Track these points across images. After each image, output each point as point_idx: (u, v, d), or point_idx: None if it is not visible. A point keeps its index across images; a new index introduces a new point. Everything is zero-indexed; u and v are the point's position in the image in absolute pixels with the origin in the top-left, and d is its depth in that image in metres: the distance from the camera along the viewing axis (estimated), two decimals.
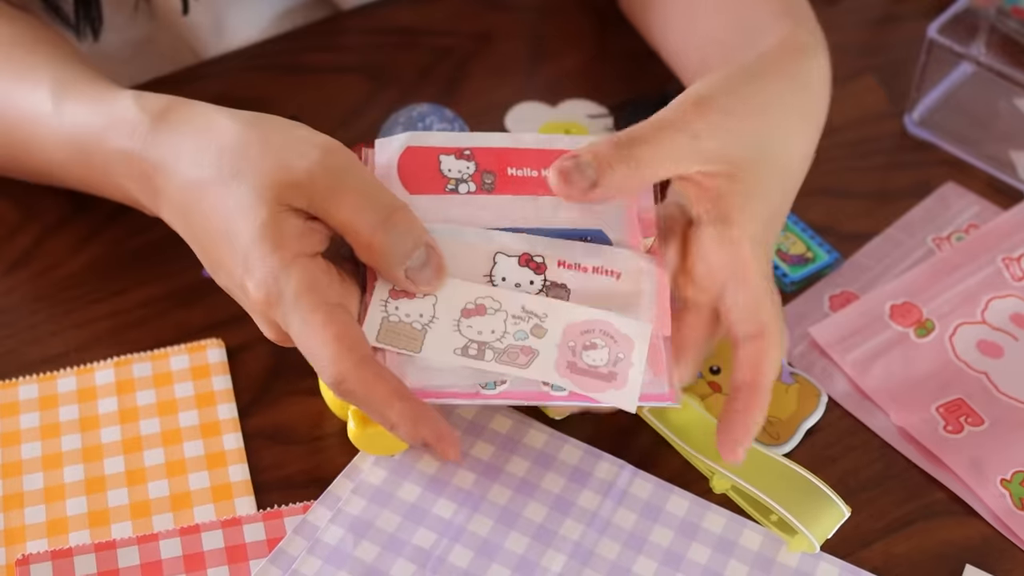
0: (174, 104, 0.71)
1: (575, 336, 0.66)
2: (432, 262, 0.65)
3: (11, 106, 0.77)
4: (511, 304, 0.66)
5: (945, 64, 0.91)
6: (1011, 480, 0.73)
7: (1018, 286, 0.82)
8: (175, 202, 0.69)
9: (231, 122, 0.67)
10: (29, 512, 0.70)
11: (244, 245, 0.63)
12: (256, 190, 0.64)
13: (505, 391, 0.65)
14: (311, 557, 0.67)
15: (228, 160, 0.65)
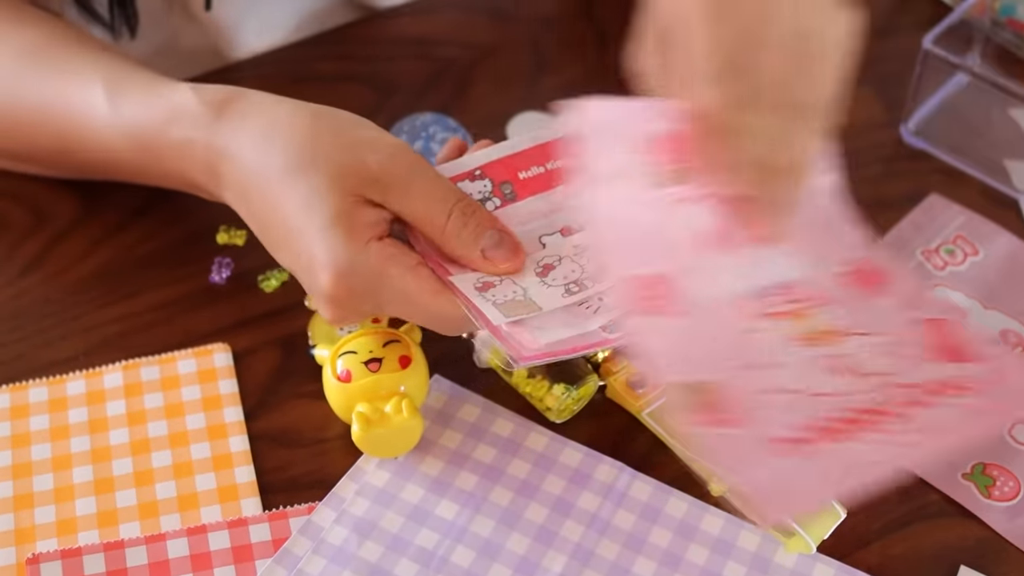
0: (234, 94, 0.73)
1: None
2: (506, 242, 0.68)
3: (64, 106, 0.79)
4: (563, 249, 0.69)
5: (940, 74, 0.92)
6: (971, 472, 0.74)
7: (942, 275, 0.84)
8: (239, 188, 0.71)
9: (297, 113, 0.70)
10: (39, 512, 0.71)
11: (316, 231, 0.66)
12: (330, 179, 0.66)
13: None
14: (316, 557, 0.68)
15: (297, 152, 0.68)
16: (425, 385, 0.73)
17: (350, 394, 0.71)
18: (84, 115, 0.78)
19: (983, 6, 0.95)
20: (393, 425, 0.70)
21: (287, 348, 0.79)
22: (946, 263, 0.85)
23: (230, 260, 0.82)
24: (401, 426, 0.70)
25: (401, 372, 0.71)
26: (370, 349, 0.72)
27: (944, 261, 0.85)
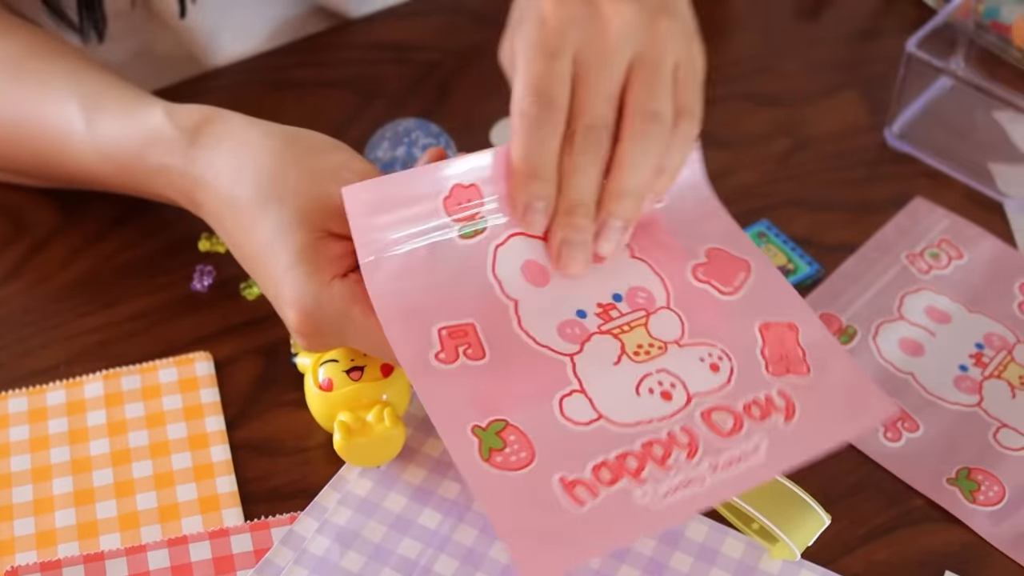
0: (208, 118, 0.73)
1: None
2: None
3: (40, 122, 0.78)
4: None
5: (924, 78, 0.92)
6: (956, 477, 0.74)
7: (926, 279, 0.84)
8: (215, 216, 0.71)
9: (268, 140, 0.69)
10: (18, 524, 0.70)
11: (282, 268, 0.66)
12: (295, 215, 0.66)
13: None
14: (298, 568, 0.68)
15: (267, 181, 0.68)
16: (407, 393, 0.73)
17: (332, 403, 0.71)
18: (61, 133, 0.78)
19: (967, 9, 0.95)
20: (375, 434, 0.70)
21: (269, 357, 0.78)
22: (931, 267, 0.84)
23: (212, 268, 0.82)
24: (383, 435, 0.70)
25: (383, 381, 0.71)
26: (352, 358, 0.71)
27: (929, 265, 0.85)
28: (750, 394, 0.67)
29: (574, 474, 0.63)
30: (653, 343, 0.68)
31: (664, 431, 0.65)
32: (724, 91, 0.96)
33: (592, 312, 0.68)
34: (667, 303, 0.70)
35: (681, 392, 0.66)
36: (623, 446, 0.64)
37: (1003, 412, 0.77)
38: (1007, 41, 0.97)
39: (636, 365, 0.67)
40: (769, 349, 0.68)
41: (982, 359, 0.80)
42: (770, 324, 0.69)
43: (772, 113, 0.95)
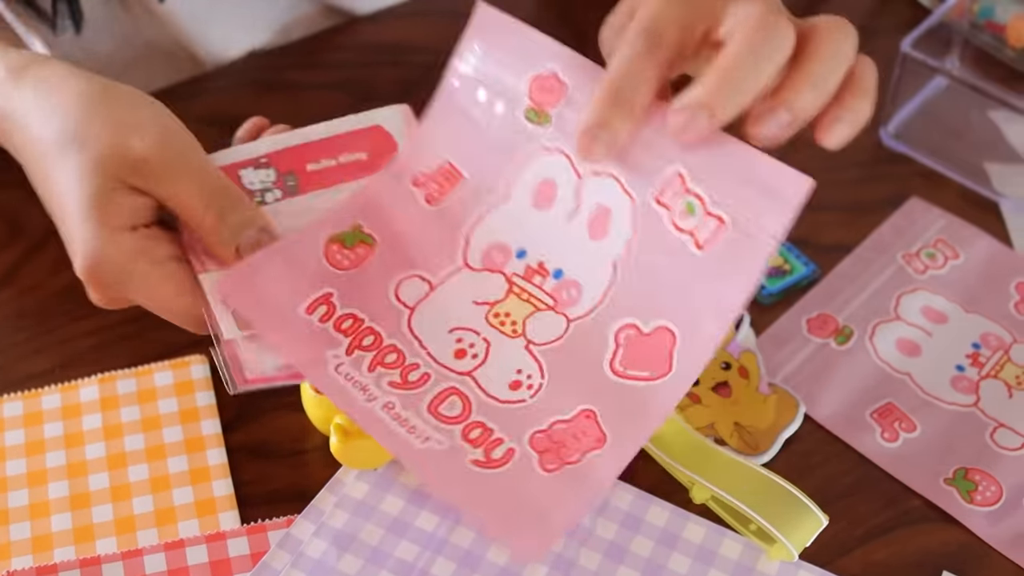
0: (35, 60, 0.73)
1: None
2: (264, 243, 0.67)
3: None
4: None
5: (920, 77, 0.92)
6: (953, 477, 0.74)
7: (922, 279, 0.84)
8: (24, 156, 0.71)
9: (83, 87, 0.69)
10: (14, 528, 0.70)
11: (73, 215, 0.66)
12: (92, 162, 0.66)
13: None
14: (295, 571, 0.68)
15: (72, 127, 0.67)
16: None
17: (328, 405, 0.70)
18: None
19: (962, 9, 0.95)
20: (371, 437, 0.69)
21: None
22: (927, 267, 0.84)
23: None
24: None
25: None
26: None
27: (925, 265, 0.85)
28: (496, 424, 0.65)
29: (337, 301, 0.67)
30: (516, 324, 0.67)
31: (415, 359, 0.66)
32: None
33: (527, 262, 0.68)
34: (576, 317, 0.67)
35: (469, 364, 0.66)
36: (384, 330, 0.67)
37: (1000, 412, 0.77)
38: (1002, 41, 0.97)
39: (480, 320, 0.67)
40: (563, 429, 0.64)
41: (979, 359, 0.80)
42: (592, 419, 0.65)
43: None
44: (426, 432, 0.64)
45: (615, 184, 0.66)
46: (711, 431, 0.75)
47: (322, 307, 0.66)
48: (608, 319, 0.66)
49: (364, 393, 0.65)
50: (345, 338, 0.66)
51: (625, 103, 0.62)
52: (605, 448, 0.64)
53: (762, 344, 0.80)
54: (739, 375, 0.77)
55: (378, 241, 0.68)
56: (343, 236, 0.68)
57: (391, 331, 0.67)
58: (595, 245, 0.67)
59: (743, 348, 0.78)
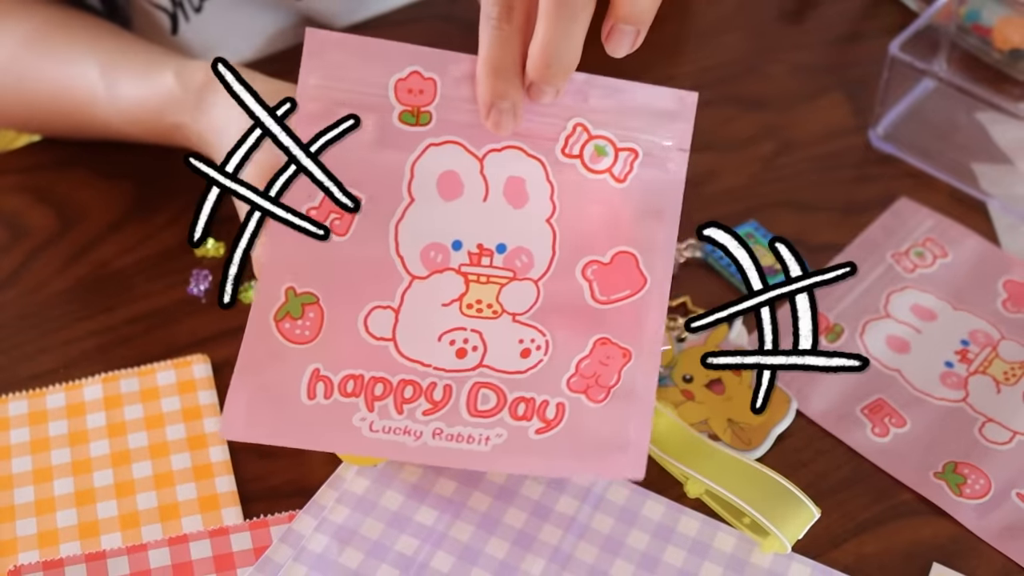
0: (210, 77, 0.79)
1: None
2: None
3: (67, 91, 0.86)
4: None
5: (908, 80, 0.93)
6: (943, 471, 0.76)
7: (911, 277, 0.85)
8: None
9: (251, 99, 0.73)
10: (21, 525, 0.71)
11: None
12: (258, 176, 0.67)
13: None
14: (297, 565, 0.69)
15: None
16: None
17: None
18: (86, 99, 0.85)
19: (949, 12, 0.96)
20: None
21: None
22: (916, 265, 0.86)
23: (208, 272, 0.83)
24: None
25: None
26: None
27: (914, 264, 0.86)
28: (532, 392, 0.67)
29: (327, 372, 0.66)
30: (493, 305, 0.68)
31: (429, 379, 0.67)
32: (710, 95, 0.97)
33: (467, 249, 0.68)
34: (540, 276, 0.68)
35: (476, 357, 0.67)
36: (385, 372, 0.67)
37: (988, 407, 0.78)
38: (988, 43, 0.98)
39: (459, 316, 0.68)
40: (588, 363, 0.68)
41: (967, 355, 0.81)
42: (608, 342, 0.68)
43: (758, 116, 0.96)
44: (483, 434, 0.67)
45: (519, 153, 0.68)
46: (705, 427, 0.76)
47: (319, 385, 0.66)
48: (569, 266, 0.68)
49: (410, 436, 0.66)
50: (357, 398, 0.67)
51: (506, 71, 0.65)
52: (634, 358, 0.68)
53: (754, 342, 0.81)
54: (732, 372, 0.78)
55: (320, 295, 0.67)
56: (286, 309, 0.67)
57: (390, 369, 0.67)
58: (521, 212, 0.68)
59: (736, 346, 0.80)
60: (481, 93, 0.65)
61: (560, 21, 0.62)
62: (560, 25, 0.62)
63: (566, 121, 0.67)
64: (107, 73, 0.84)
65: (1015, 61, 0.98)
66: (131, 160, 0.90)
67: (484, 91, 0.65)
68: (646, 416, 0.68)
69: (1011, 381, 0.80)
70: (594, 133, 0.68)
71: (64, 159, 0.91)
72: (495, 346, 0.68)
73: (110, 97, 0.84)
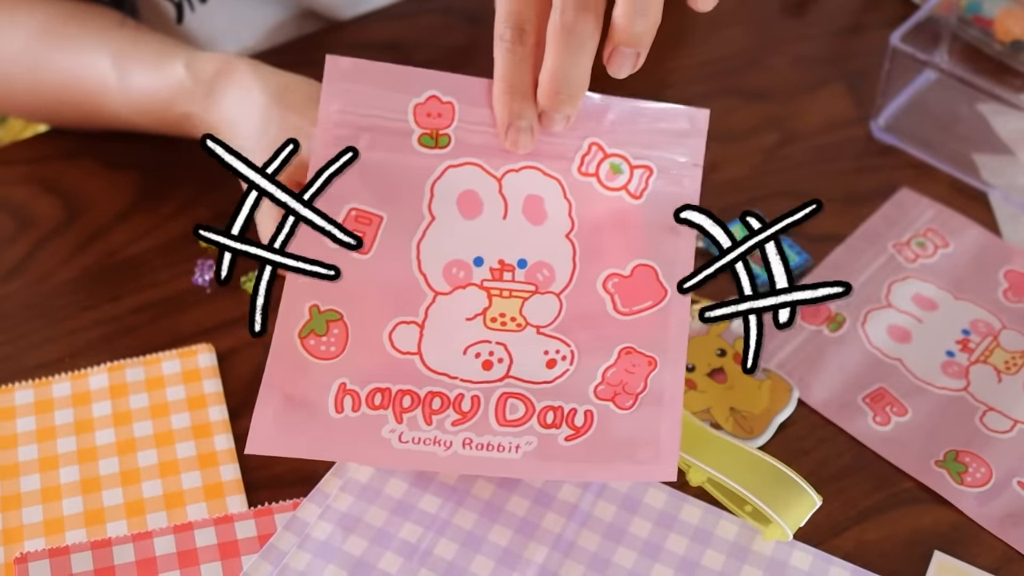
0: (220, 69, 0.81)
1: None
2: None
3: (79, 81, 0.87)
4: None
5: (909, 71, 0.94)
6: (944, 460, 0.76)
7: (913, 267, 0.86)
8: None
9: (261, 95, 0.77)
10: (27, 512, 0.71)
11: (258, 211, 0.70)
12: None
13: None
14: (301, 552, 0.69)
15: (255, 134, 0.76)
16: None
17: None
18: (98, 89, 0.86)
19: (950, 4, 0.96)
20: None
21: (270, 348, 0.79)
22: (917, 255, 0.86)
23: (212, 263, 0.83)
24: None
25: None
26: None
27: (915, 254, 0.86)
28: (560, 400, 0.69)
29: (354, 385, 0.67)
30: (516, 319, 0.69)
31: (457, 391, 0.68)
32: (713, 86, 0.98)
33: (488, 265, 0.69)
34: (561, 290, 0.69)
35: (502, 369, 0.68)
36: (412, 384, 0.68)
37: (989, 396, 0.79)
38: (989, 35, 0.99)
39: (483, 330, 0.69)
40: (614, 372, 0.69)
41: (968, 345, 0.81)
42: (633, 351, 0.69)
43: (760, 107, 0.97)
44: (513, 442, 0.68)
45: (536, 173, 0.69)
46: (707, 416, 0.77)
47: (347, 398, 0.67)
48: (590, 279, 0.70)
49: (440, 446, 0.67)
50: (385, 410, 0.68)
51: (522, 91, 0.66)
52: (660, 366, 0.69)
53: None
54: (734, 361, 0.79)
55: (344, 312, 0.68)
56: (311, 326, 0.68)
57: (417, 381, 0.68)
58: (541, 229, 0.70)
59: (738, 335, 0.80)
60: (499, 113, 0.67)
61: (567, 50, 0.63)
62: (567, 54, 0.64)
63: (581, 140, 0.69)
64: (118, 63, 0.85)
65: (1016, 52, 0.98)
66: (137, 151, 0.91)
67: (501, 111, 0.67)
68: (675, 420, 0.69)
69: (1012, 370, 0.80)
70: (609, 152, 0.69)
71: (70, 150, 0.92)
72: (520, 357, 0.69)
73: (121, 87, 0.85)
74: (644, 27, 0.64)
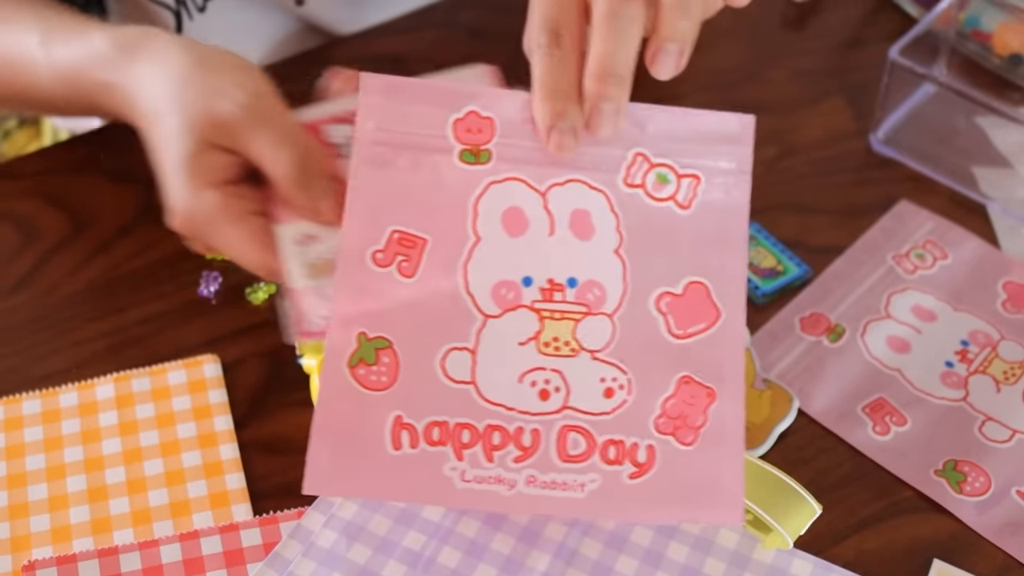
0: (142, 38, 0.78)
1: None
2: (335, 193, 0.69)
3: (7, 54, 0.85)
4: None
5: (908, 84, 0.94)
6: (943, 469, 0.77)
7: (912, 279, 0.86)
8: (142, 127, 0.75)
9: (183, 57, 0.75)
10: (34, 521, 0.72)
11: (168, 173, 0.71)
12: (184, 125, 0.70)
13: None
14: (306, 560, 0.70)
15: (170, 93, 0.73)
16: None
17: None
18: (25, 63, 0.84)
19: (948, 18, 0.97)
20: None
21: (275, 358, 0.80)
22: (916, 267, 0.87)
23: (218, 274, 0.84)
24: None
25: None
26: None
27: (914, 265, 0.87)
28: (620, 434, 0.66)
29: (410, 419, 0.65)
30: (570, 343, 0.67)
31: (516, 424, 0.66)
32: (713, 99, 0.98)
33: (538, 285, 0.67)
34: (614, 310, 0.67)
35: (560, 399, 0.66)
36: (470, 418, 0.65)
37: (988, 406, 0.79)
38: (988, 49, 0.99)
39: (537, 356, 0.66)
40: (673, 403, 0.67)
41: (967, 355, 0.82)
42: (691, 381, 0.67)
43: (760, 121, 0.96)
44: (577, 480, 0.65)
45: (581, 186, 0.67)
46: None
47: (404, 433, 0.65)
48: (642, 298, 0.67)
49: (504, 485, 0.65)
50: (445, 447, 0.65)
51: (563, 92, 0.64)
52: (719, 398, 0.66)
53: (757, 342, 0.82)
54: None
55: (392, 339, 0.66)
56: (359, 355, 0.66)
57: (474, 415, 0.66)
58: (588, 244, 0.68)
59: None
60: (539, 117, 0.65)
61: (614, 34, 0.63)
62: (614, 37, 0.63)
63: (626, 151, 0.67)
64: (46, 40, 0.83)
65: (1014, 66, 0.99)
66: (142, 164, 0.91)
67: (542, 114, 0.65)
68: (738, 459, 0.66)
69: (1011, 381, 0.81)
70: (655, 161, 0.67)
71: (76, 163, 0.92)
72: (577, 386, 0.66)
73: (47, 60, 0.83)
74: (687, 23, 0.64)
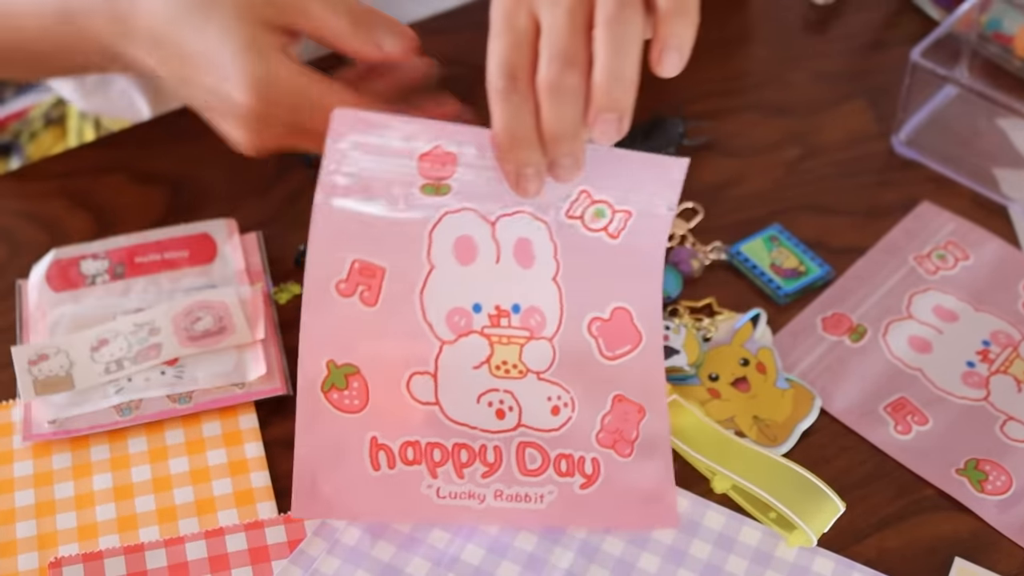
0: None
1: (181, 319, 0.76)
2: (398, 31, 0.73)
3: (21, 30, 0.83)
4: (123, 327, 0.76)
5: (929, 86, 0.94)
6: (964, 468, 0.77)
7: (933, 279, 0.86)
8: (150, 37, 0.74)
9: None
10: (61, 519, 0.73)
11: (230, 59, 0.70)
12: (234, 13, 0.70)
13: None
14: (331, 557, 0.70)
15: None
16: None
17: None
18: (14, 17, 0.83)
19: (970, 20, 0.97)
20: None
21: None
22: (938, 268, 0.87)
23: None
24: None
25: None
26: None
27: (936, 266, 0.87)
28: (569, 448, 0.72)
29: (385, 440, 0.69)
30: (518, 365, 0.72)
31: (480, 442, 0.71)
32: (736, 102, 0.99)
33: (487, 311, 0.72)
34: (552, 335, 0.73)
35: (514, 418, 0.72)
36: (439, 437, 0.70)
37: (1009, 406, 0.80)
38: (1009, 51, 0.99)
39: (490, 378, 0.72)
40: (610, 419, 0.73)
41: (989, 355, 0.82)
42: (624, 399, 0.73)
43: (782, 122, 0.98)
44: (537, 492, 0.71)
45: (526, 216, 0.72)
46: (731, 424, 0.77)
47: (380, 454, 0.70)
48: (576, 323, 0.73)
49: (475, 499, 0.71)
50: (420, 466, 0.70)
51: (525, 139, 0.66)
52: (648, 414, 0.73)
53: (779, 341, 0.82)
54: (757, 371, 0.80)
55: (359, 365, 0.70)
56: (331, 380, 0.70)
57: (442, 434, 0.71)
58: (530, 272, 0.72)
59: (760, 345, 0.81)
60: (505, 164, 0.67)
61: (615, 41, 0.64)
62: (615, 45, 0.64)
63: (573, 188, 0.71)
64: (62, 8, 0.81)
65: None
66: (167, 167, 0.92)
67: (508, 162, 0.67)
68: (668, 468, 0.73)
69: None
70: (596, 198, 0.72)
71: (102, 165, 0.93)
72: (528, 405, 0.72)
73: (63, 20, 0.80)
74: (685, 25, 0.65)
